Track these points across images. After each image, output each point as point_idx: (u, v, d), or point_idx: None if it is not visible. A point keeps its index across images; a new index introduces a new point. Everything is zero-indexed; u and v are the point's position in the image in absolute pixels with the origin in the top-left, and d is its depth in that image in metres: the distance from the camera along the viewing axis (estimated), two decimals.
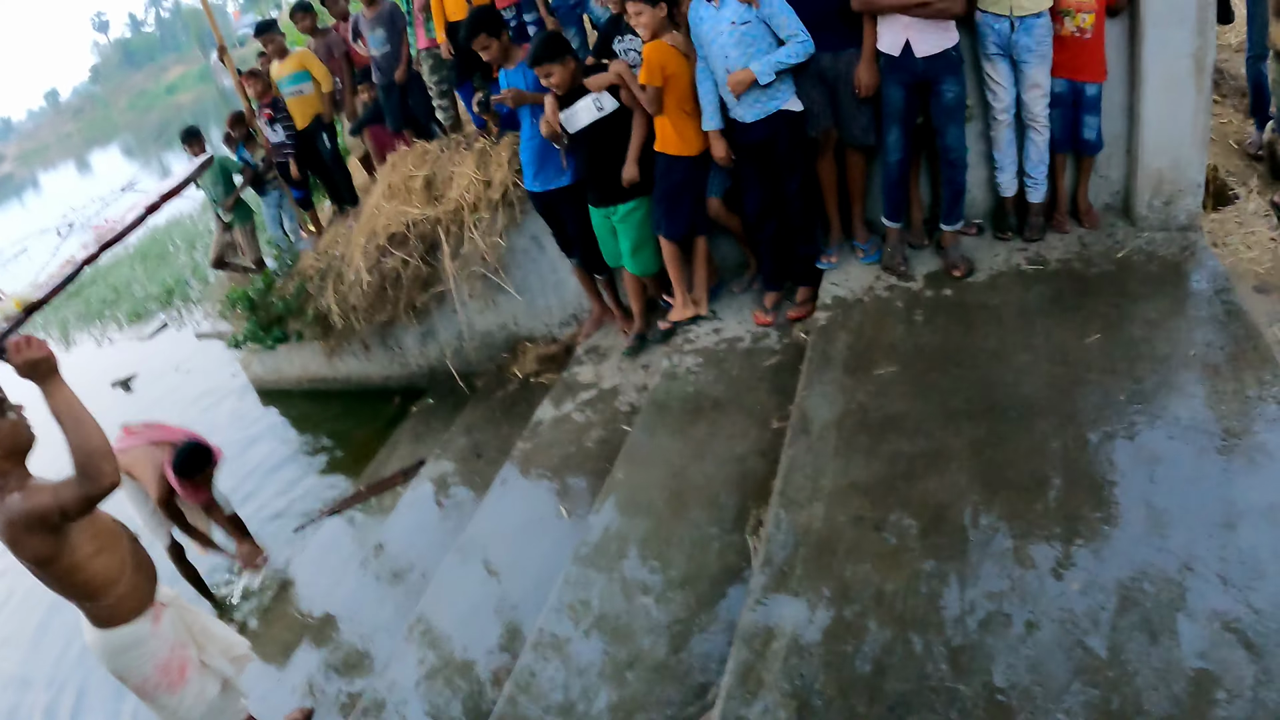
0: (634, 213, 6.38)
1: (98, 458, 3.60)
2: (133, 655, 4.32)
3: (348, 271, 8.69)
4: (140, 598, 4.29)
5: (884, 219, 6.07)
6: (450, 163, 8.09)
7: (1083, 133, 5.69)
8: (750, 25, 5.48)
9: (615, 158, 6.22)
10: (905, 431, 4.52)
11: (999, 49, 5.50)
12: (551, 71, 6.00)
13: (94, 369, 14.54)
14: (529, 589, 5.29)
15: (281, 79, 9.70)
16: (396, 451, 8.55)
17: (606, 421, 6.42)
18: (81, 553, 3.97)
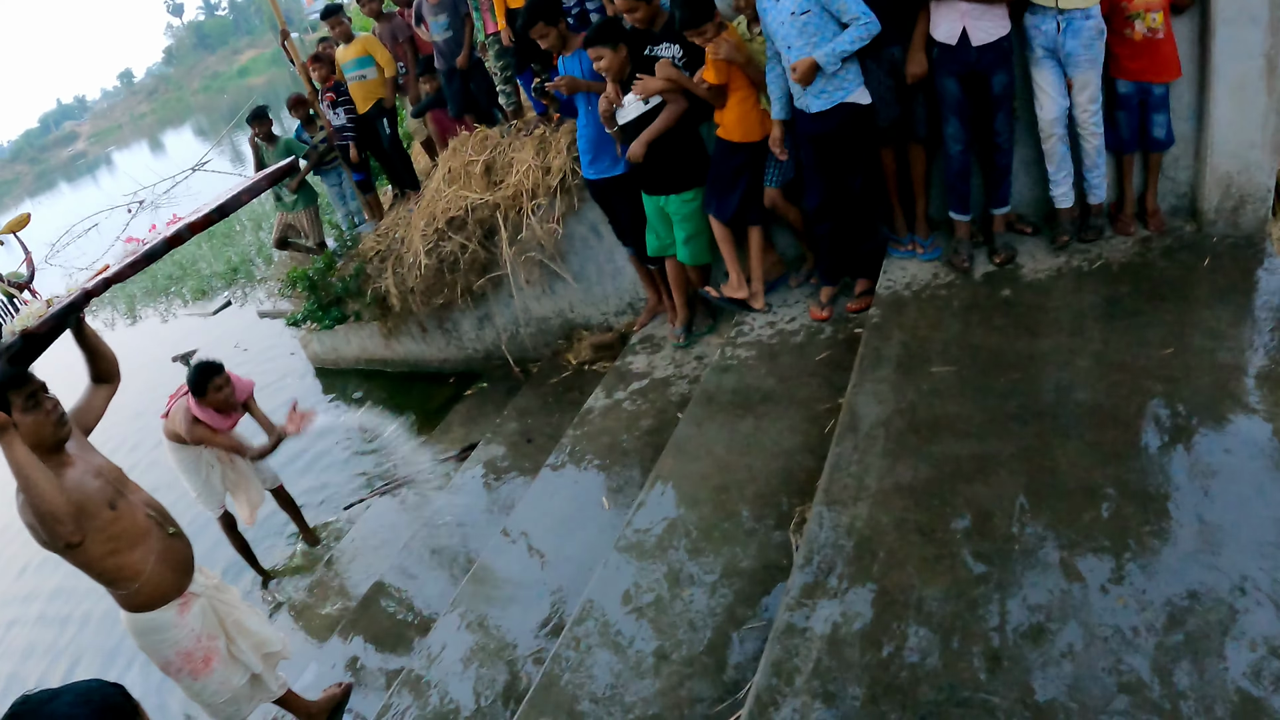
0: (690, 203, 6.35)
1: (48, 520, 3.77)
2: (155, 639, 4.46)
3: (406, 254, 8.74)
4: (164, 589, 4.41)
5: (950, 212, 6.00)
6: (510, 149, 8.09)
7: (1152, 131, 5.57)
8: (810, 14, 5.40)
9: (667, 148, 6.20)
10: (955, 433, 4.44)
11: (1046, 50, 5.41)
12: (602, 55, 6.00)
13: (157, 344, 14.74)
14: (572, 574, 5.30)
15: (346, 63, 9.76)
16: (449, 434, 8.59)
17: (657, 411, 6.41)
18: (92, 553, 4.11)
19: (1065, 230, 5.78)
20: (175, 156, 35.82)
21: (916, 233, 6.22)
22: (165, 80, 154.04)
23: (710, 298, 6.67)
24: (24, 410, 3.98)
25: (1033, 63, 5.50)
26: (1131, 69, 5.45)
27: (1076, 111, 5.49)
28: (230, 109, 63.02)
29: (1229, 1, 5.20)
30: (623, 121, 6.23)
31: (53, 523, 3.76)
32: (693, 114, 6.18)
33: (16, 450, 3.70)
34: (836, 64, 5.45)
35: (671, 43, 6.06)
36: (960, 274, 5.81)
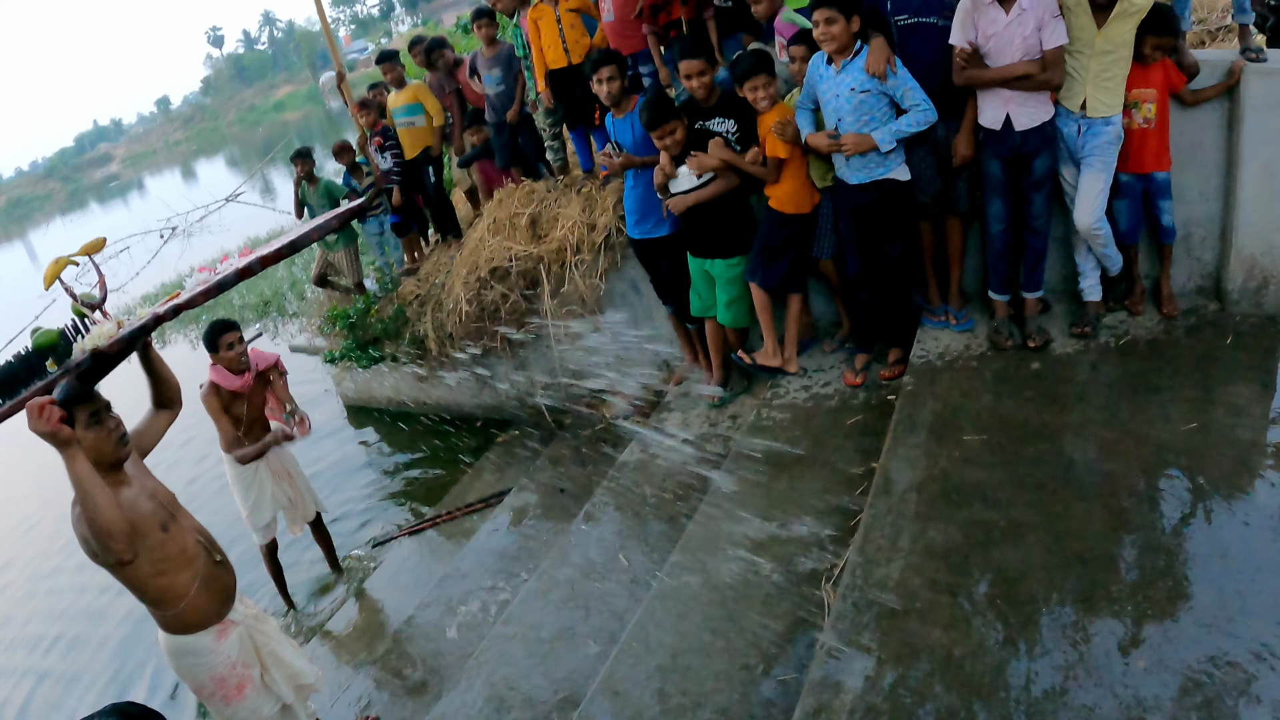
0: (735, 268, 6.49)
1: (103, 536, 3.86)
2: (190, 662, 4.57)
3: (447, 300, 8.92)
4: (204, 615, 4.53)
5: (990, 292, 6.12)
6: (556, 203, 8.29)
7: (1161, 219, 5.73)
8: (870, 95, 5.57)
9: (714, 214, 6.35)
10: (985, 500, 4.61)
11: (1065, 151, 5.61)
12: (675, 129, 6.15)
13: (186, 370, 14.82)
14: (600, 627, 5.43)
15: (396, 109, 9.97)
16: (480, 479, 8.72)
17: (691, 469, 6.51)
18: (140, 572, 4.23)
19: (1089, 322, 5.89)
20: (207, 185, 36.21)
21: (950, 304, 6.37)
22: (201, 109, 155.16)
23: (744, 364, 6.79)
24: (87, 426, 4.12)
25: (1060, 160, 5.68)
26: (1130, 160, 5.62)
27: (1077, 213, 5.65)
28: (264, 143, 63.56)
29: (1257, 89, 5.39)
30: (675, 191, 6.38)
31: (107, 539, 3.85)
32: (743, 184, 6.32)
33: (79, 465, 3.79)
34: (892, 144, 5.64)
35: (725, 117, 6.21)
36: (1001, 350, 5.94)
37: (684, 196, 6.32)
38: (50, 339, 3.97)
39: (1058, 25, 5.29)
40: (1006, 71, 5.41)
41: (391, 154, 10.00)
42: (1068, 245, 6.04)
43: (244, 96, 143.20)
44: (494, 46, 9.08)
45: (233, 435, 6.83)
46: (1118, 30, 5.26)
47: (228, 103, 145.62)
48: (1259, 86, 5.40)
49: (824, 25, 5.50)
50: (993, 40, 5.40)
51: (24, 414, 3.73)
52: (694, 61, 6.08)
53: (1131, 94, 5.48)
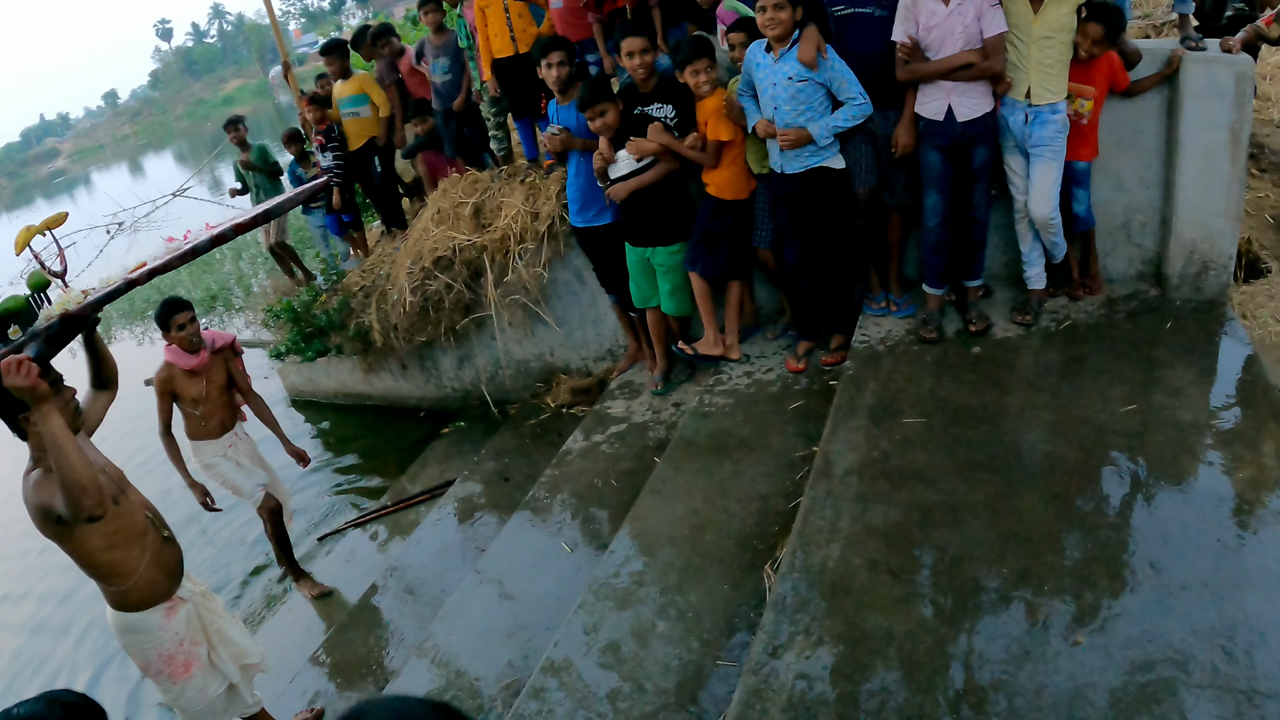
0: (673, 257, 6.50)
1: (76, 491, 3.80)
2: (138, 638, 4.53)
3: (391, 291, 8.86)
4: (153, 592, 4.50)
5: (924, 285, 6.12)
6: (500, 193, 8.25)
7: (1072, 205, 5.78)
8: (807, 84, 5.58)
9: (654, 200, 6.36)
10: (925, 481, 4.62)
11: (1014, 140, 5.62)
12: (605, 110, 6.16)
13: (131, 366, 14.70)
14: (544, 615, 5.38)
15: (342, 99, 9.89)
16: (425, 470, 8.67)
17: (635, 455, 6.52)
18: (90, 545, 4.21)
19: (1031, 310, 5.91)
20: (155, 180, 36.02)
21: (891, 291, 6.39)
22: (150, 104, 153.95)
23: (684, 355, 6.80)
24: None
25: (1005, 150, 5.69)
26: None
27: (1032, 202, 5.65)
28: (213, 137, 63.02)
29: (1197, 76, 5.43)
30: (614, 176, 6.37)
31: (80, 493, 3.79)
32: (682, 171, 6.33)
33: (54, 420, 3.76)
34: (829, 139, 5.67)
35: (664, 102, 6.21)
36: (926, 342, 5.95)
37: (624, 183, 6.31)
38: (16, 304, 3.94)
39: (996, 14, 5.31)
40: (949, 62, 5.41)
41: (333, 153, 9.92)
42: (1008, 232, 6.05)
43: (193, 90, 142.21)
44: (442, 34, 9.04)
45: (191, 417, 6.66)
46: (1054, 15, 5.28)
47: (176, 96, 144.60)
48: (1198, 73, 5.44)
49: (772, 10, 5.48)
50: (934, 32, 5.41)
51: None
52: (636, 39, 6.06)
53: (1070, 87, 5.50)
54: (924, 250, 6.02)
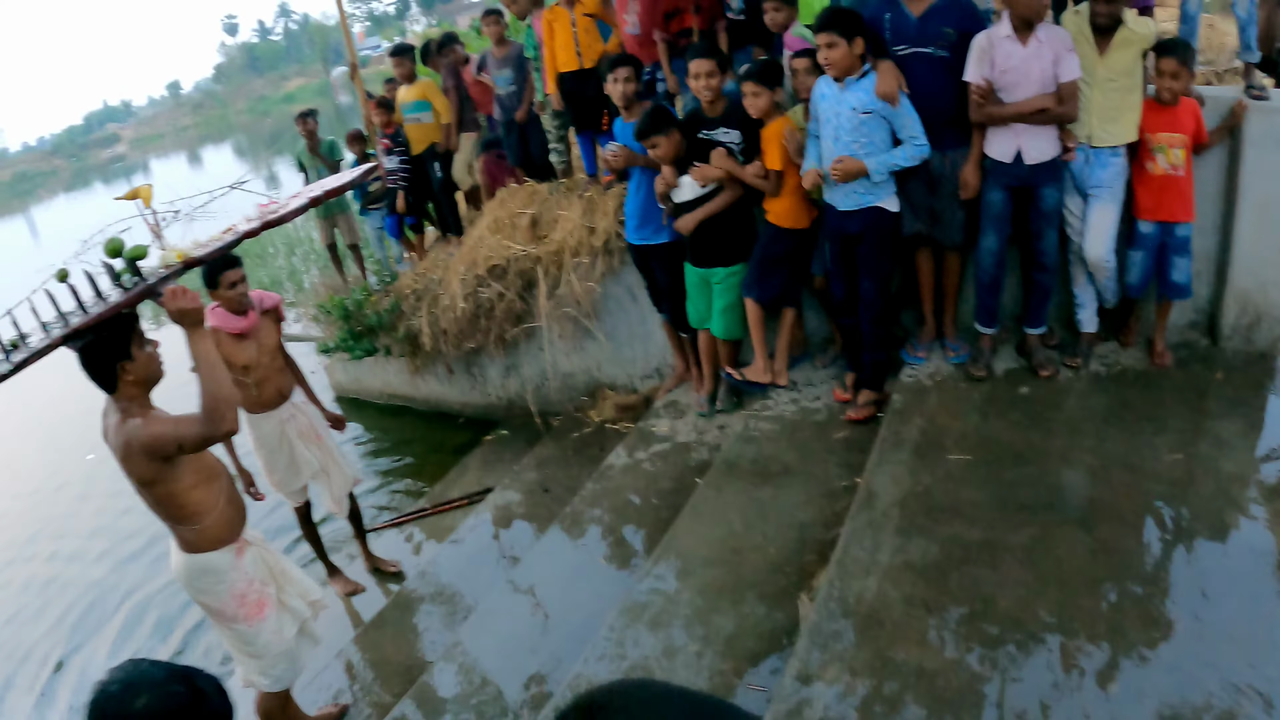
0: (732, 277, 6.48)
1: (223, 405, 3.98)
2: (211, 581, 4.56)
3: (443, 296, 8.92)
4: (228, 530, 4.56)
5: (977, 325, 6.06)
6: (557, 206, 8.30)
7: (1170, 274, 5.65)
8: (871, 116, 5.54)
9: (716, 222, 6.34)
10: (966, 519, 4.62)
11: (1074, 182, 5.60)
12: (657, 143, 6.18)
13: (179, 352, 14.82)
14: (575, 629, 5.38)
15: (405, 104, 10.06)
16: (465, 476, 8.69)
17: (676, 475, 6.51)
18: (182, 483, 4.28)
19: (1082, 353, 5.89)
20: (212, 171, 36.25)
21: (946, 336, 6.31)
22: (212, 96, 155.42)
23: (733, 380, 6.77)
24: (140, 346, 4.18)
25: (1065, 191, 5.65)
26: (1149, 205, 5.59)
27: (1088, 245, 5.62)
28: (272, 133, 63.56)
29: (1257, 125, 5.44)
30: (678, 200, 6.38)
31: (226, 408, 3.97)
32: (747, 195, 6.31)
33: (207, 341, 4.03)
34: (884, 176, 5.63)
35: (731, 128, 6.20)
36: (975, 381, 5.94)
37: (691, 215, 6.31)
38: (140, 251, 4.03)
39: (1072, 58, 5.30)
40: (1025, 106, 5.39)
41: (399, 157, 10.05)
42: (1063, 275, 6.01)
43: (255, 86, 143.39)
44: (504, 46, 9.15)
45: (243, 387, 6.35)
46: (1120, 58, 5.28)
47: (238, 91, 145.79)
48: (1259, 123, 5.44)
49: (825, 49, 5.49)
50: (1009, 74, 5.38)
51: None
52: (704, 61, 6.08)
53: (1157, 137, 5.46)
54: (978, 289, 5.98)
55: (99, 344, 4.01)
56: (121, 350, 4.08)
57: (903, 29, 5.61)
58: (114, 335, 4.03)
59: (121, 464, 4.14)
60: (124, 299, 3.94)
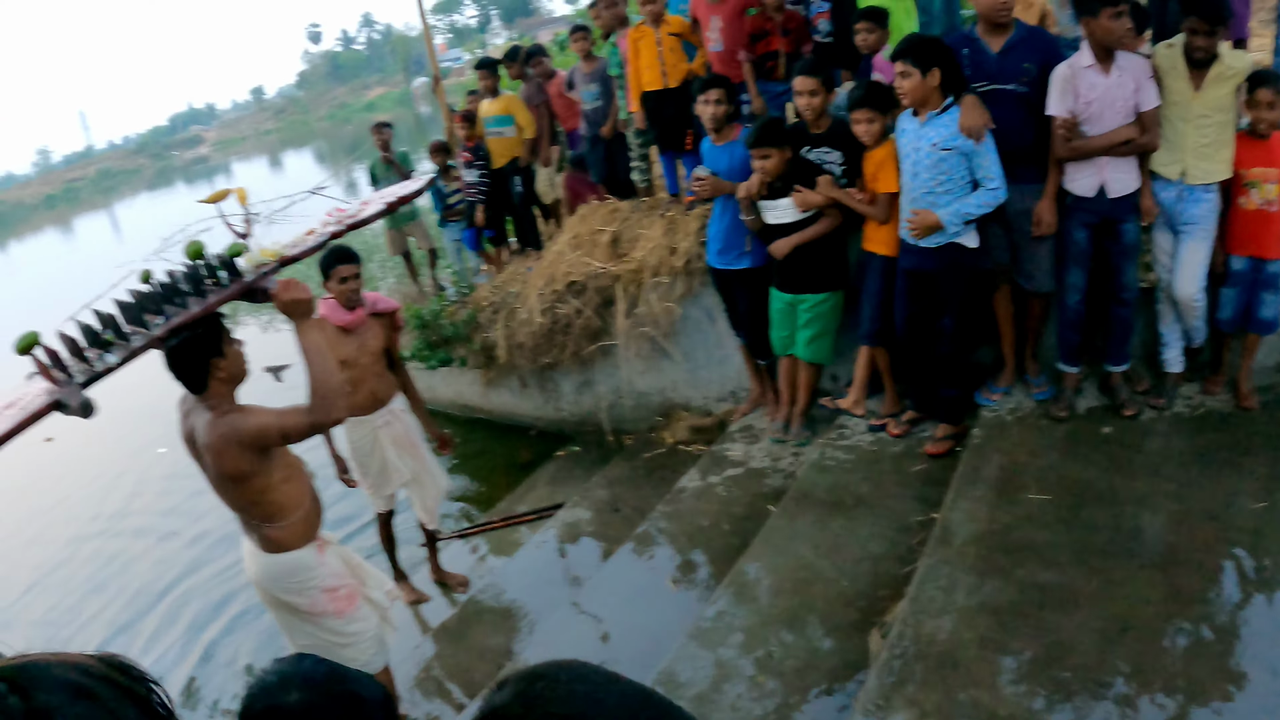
0: (821, 305, 6.44)
1: (333, 394, 4.07)
2: (301, 578, 4.60)
3: (520, 310, 8.96)
4: (312, 527, 4.62)
5: (1060, 364, 5.96)
6: (638, 224, 8.33)
7: (1259, 310, 5.54)
8: (951, 153, 5.44)
9: (811, 249, 6.30)
10: (1042, 560, 4.56)
11: (1162, 217, 5.51)
12: (769, 154, 6.10)
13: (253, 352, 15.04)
14: (638, 653, 5.35)
15: (488, 117, 10.16)
16: (534, 491, 8.70)
17: (749, 500, 6.48)
18: (274, 477, 4.35)
19: (1166, 394, 5.79)
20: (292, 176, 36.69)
21: (1029, 373, 6.19)
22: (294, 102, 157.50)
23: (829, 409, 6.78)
24: (229, 343, 4.25)
25: (1154, 226, 5.58)
26: (1243, 242, 5.49)
27: (1178, 282, 5.51)
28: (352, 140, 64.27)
29: None
30: (771, 222, 6.35)
31: (337, 396, 4.07)
32: (844, 223, 6.28)
33: (316, 332, 4.12)
34: (958, 227, 5.54)
35: (832, 148, 6.19)
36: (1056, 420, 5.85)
37: (786, 240, 6.29)
38: (238, 249, 4.09)
39: (1152, 86, 5.26)
40: (1111, 138, 5.32)
41: (478, 170, 10.15)
42: (1148, 313, 5.93)
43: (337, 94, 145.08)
44: (591, 61, 9.25)
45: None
46: (1215, 94, 5.21)
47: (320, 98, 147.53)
48: None
49: (899, 79, 5.46)
50: (1094, 105, 5.31)
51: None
52: (809, 79, 6.09)
53: (1250, 173, 5.37)
54: (1061, 328, 5.89)
55: (192, 341, 4.07)
56: (214, 347, 4.15)
57: (982, 65, 5.56)
58: (206, 333, 4.10)
59: (215, 460, 4.18)
60: (226, 294, 4.03)
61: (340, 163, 41.56)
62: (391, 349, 6.65)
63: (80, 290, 4.24)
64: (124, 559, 9.80)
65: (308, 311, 4.13)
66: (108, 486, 11.91)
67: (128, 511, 11.08)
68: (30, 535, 11.12)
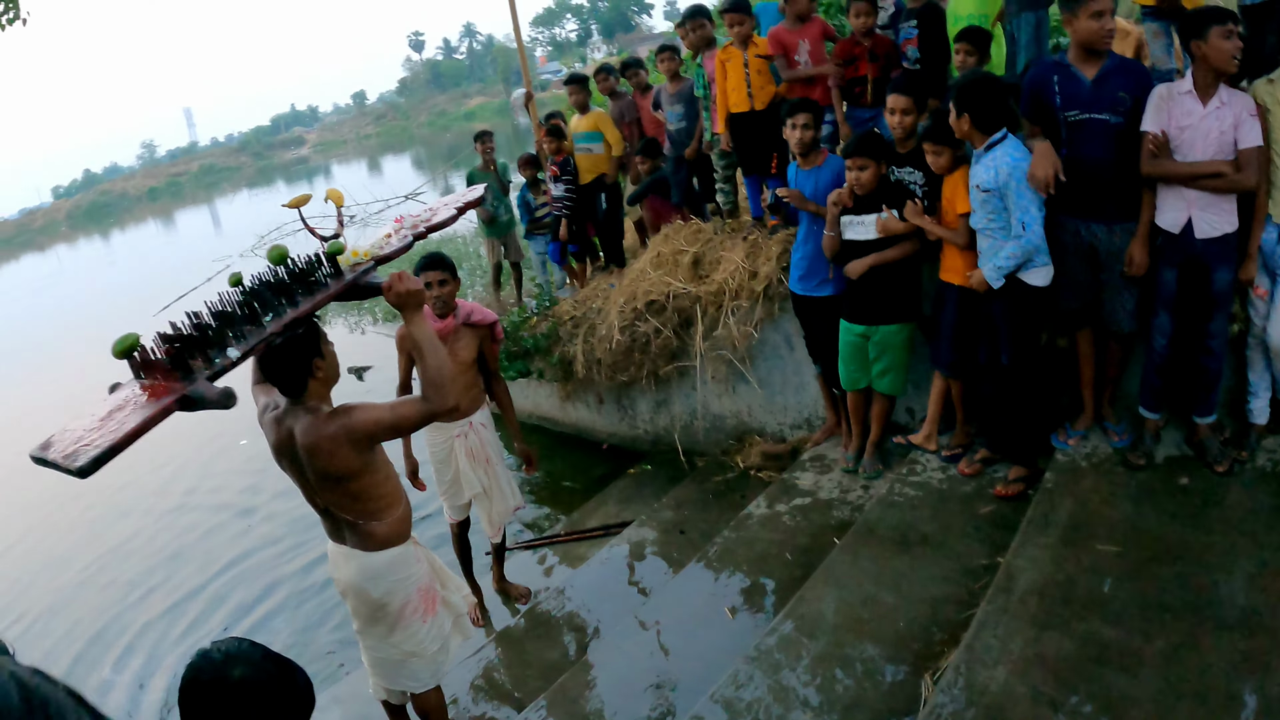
0: (896, 336, 6.38)
1: (447, 382, 4.10)
2: (400, 577, 4.63)
3: (600, 326, 9.00)
4: (409, 524, 4.68)
5: (1141, 409, 5.78)
6: (721, 246, 8.30)
7: None
8: (992, 195, 5.41)
9: (886, 276, 6.24)
10: (1106, 615, 4.44)
11: (1262, 260, 5.29)
12: (867, 165, 6.08)
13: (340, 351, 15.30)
14: (692, 676, 5.36)
15: (577, 133, 10.21)
16: (604, 507, 8.73)
17: (814, 531, 6.44)
18: (380, 473, 4.42)
19: (1250, 446, 5.57)
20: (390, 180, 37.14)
21: (1108, 419, 6.02)
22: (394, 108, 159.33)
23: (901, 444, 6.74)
24: (326, 344, 4.34)
25: None
26: None
27: (1274, 328, 5.32)
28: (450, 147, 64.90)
29: None
30: (850, 238, 6.31)
31: (449, 384, 4.10)
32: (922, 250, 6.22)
33: (427, 324, 4.16)
34: (1000, 281, 5.50)
35: (916, 168, 6.14)
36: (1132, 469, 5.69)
37: (863, 260, 6.24)
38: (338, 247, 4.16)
39: (1254, 125, 5.03)
40: (1198, 168, 5.13)
41: (565, 185, 10.19)
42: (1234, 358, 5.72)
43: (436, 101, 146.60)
44: (677, 82, 9.24)
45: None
46: None
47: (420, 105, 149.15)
48: None
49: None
50: (1186, 133, 5.14)
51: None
52: (902, 97, 6.07)
53: None
54: (1145, 372, 5.71)
55: (295, 342, 4.12)
56: (314, 348, 4.23)
57: (1075, 94, 5.40)
58: (307, 333, 4.17)
59: (325, 459, 4.22)
60: (333, 290, 4.09)
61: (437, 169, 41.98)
62: (488, 361, 6.71)
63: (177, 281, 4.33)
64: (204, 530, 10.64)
65: (419, 303, 4.18)
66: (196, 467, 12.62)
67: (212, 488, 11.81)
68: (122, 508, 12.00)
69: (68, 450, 3.18)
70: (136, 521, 11.44)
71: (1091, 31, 5.26)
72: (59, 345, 24.86)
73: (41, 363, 23.20)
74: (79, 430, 3.31)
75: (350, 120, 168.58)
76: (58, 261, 64.49)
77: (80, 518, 12.00)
